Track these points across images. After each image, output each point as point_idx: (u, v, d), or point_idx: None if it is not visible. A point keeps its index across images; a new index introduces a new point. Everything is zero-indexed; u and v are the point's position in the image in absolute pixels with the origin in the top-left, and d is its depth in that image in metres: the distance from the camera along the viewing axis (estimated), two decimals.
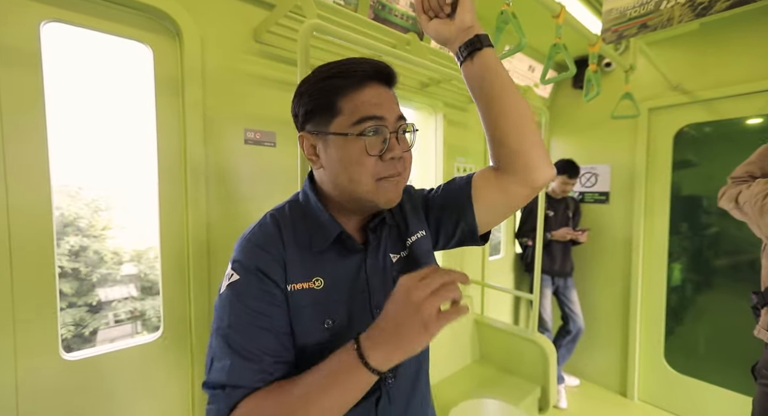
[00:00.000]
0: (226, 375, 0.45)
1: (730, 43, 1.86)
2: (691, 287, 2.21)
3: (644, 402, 2.23)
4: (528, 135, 0.56)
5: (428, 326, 0.39)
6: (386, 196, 0.52)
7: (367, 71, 0.50)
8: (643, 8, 1.21)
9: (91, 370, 0.98)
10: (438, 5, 0.58)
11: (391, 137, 0.51)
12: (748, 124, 1.92)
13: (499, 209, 0.62)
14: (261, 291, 0.48)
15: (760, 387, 1.06)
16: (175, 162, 1.10)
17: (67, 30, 0.96)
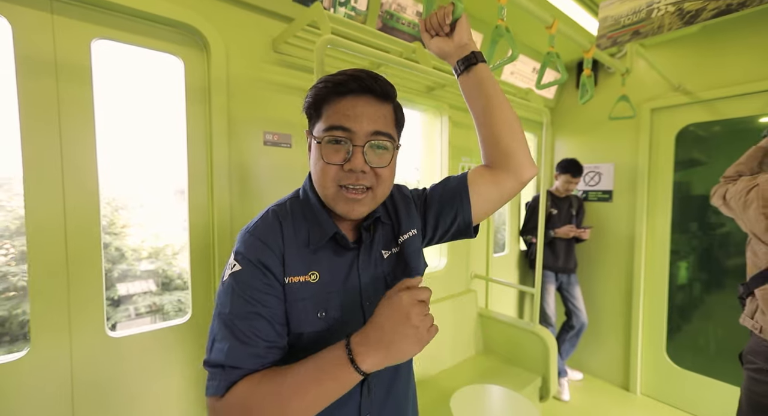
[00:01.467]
0: (224, 356, 0.49)
1: (729, 44, 1.91)
2: (692, 284, 2.25)
3: (646, 396, 2.28)
4: (518, 138, 0.65)
5: (422, 341, 0.46)
6: (344, 208, 0.54)
7: (349, 84, 0.52)
8: (636, 16, 1.29)
9: (131, 346, 1.11)
10: (439, 25, 0.67)
11: (356, 150, 0.52)
12: (749, 124, 1.96)
13: (492, 201, 0.68)
14: (261, 282, 0.52)
15: (746, 372, 1.12)
16: (202, 162, 1.22)
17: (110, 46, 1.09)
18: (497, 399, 1.44)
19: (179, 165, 1.22)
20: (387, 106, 0.56)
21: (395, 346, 0.45)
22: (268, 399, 0.46)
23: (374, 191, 0.56)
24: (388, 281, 0.63)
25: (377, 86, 0.54)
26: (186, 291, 3.67)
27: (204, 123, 1.21)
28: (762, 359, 1.04)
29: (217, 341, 0.51)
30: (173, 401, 1.20)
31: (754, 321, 1.05)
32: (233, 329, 0.50)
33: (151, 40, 1.12)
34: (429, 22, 0.68)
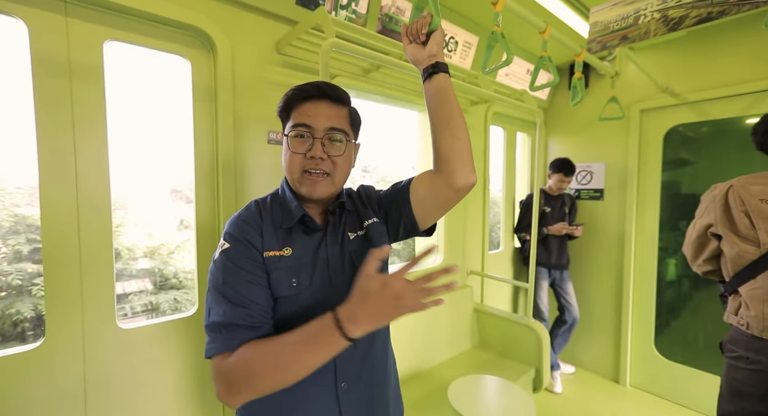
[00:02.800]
0: (222, 318, 0.57)
1: (715, 49, 1.99)
2: (680, 280, 2.33)
3: (635, 388, 2.36)
4: (457, 144, 0.68)
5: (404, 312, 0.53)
6: (308, 188, 0.66)
7: (311, 91, 0.66)
8: (624, 22, 1.35)
9: (141, 337, 1.15)
10: (416, 33, 0.73)
11: (315, 141, 0.65)
12: (734, 124, 2.04)
13: (428, 203, 0.72)
14: (247, 255, 0.62)
15: (726, 360, 1.19)
16: (208, 159, 1.26)
17: (121, 47, 1.12)
18: (493, 388, 1.50)
19: (176, 164, 1.26)
20: (342, 109, 0.69)
21: (384, 318, 0.53)
22: (267, 357, 0.54)
23: (332, 177, 0.68)
24: (353, 257, 0.71)
25: (332, 92, 0.67)
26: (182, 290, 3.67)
27: (210, 122, 1.26)
28: (741, 347, 1.11)
29: (213, 308, 0.60)
30: (182, 390, 1.24)
31: (739, 318, 1.11)
32: (227, 295, 0.59)
33: (160, 42, 1.16)
34: (409, 29, 0.75)
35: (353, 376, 0.68)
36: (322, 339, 0.53)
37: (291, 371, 0.53)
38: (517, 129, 2.63)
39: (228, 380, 0.55)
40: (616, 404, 2.21)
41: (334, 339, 0.53)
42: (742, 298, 1.11)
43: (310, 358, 0.53)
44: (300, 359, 0.53)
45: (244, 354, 0.55)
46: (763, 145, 1.11)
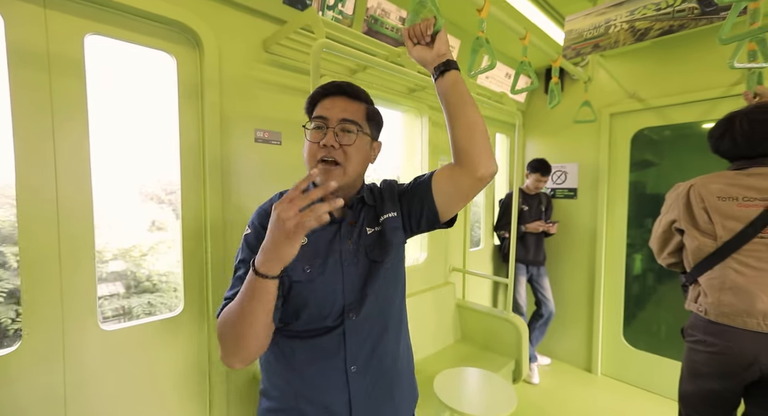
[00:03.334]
0: (230, 291, 0.67)
1: (676, 59, 2.14)
2: (645, 274, 2.49)
3: (606, 377, 2.50)
4: (476, 136, 0.71)
5: (289, 234, 0.52)
6: (320, 176, 0.68)
7: (330, 89, 0.73)
8: (596, 31, 1.44)
9: (124, 339, 1.13)
10: (421, 35, 0.75)
11: (329, 131, 0.69)
12: (693, 129, 2.21)
13: (451, 196, 0.75)
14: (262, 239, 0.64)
15: (687, 344, 1.29)
16: (195, 157, 1.25)
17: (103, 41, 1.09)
18: (476, 379, 1.56)
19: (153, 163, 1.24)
20: (359, 104, 0.74)
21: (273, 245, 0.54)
22: (224, 313, 0.63)
23: (344, 167, 0.70)
24: (367, 251, 0.74)
25: (350, 89, 0.73)
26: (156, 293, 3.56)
27: (197, 120, 1.24)
28: (700, 332, 1.21)
29: (231, 281, 0.70)
30: (168, 392, 1.22)
31: (698, 305, 1.21)
32: (238, 272, 0.69)
33: (144, 37, 1.14)
34: (412, 31, 0.77)
35: (363, 361, 0.72)
36: (249, 286, 0.57)
37: (239, 319, 0.59)
38: (496, 130, 2.72)
39: (217, 333, 0.64)
40: (589, 392, 2.34)
41: (256, 282, 0.56)
42: (701, 287, 1.21)
43: (247, 305, 0.58)
44: (241, 308, 0.58)
45: (222, 313, 0.64)
46: (717, 147, 1.21)
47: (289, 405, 0.71)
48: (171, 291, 3.04)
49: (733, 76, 1.96)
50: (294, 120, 1.46)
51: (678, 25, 1.25)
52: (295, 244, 0.54)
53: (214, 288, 1.26)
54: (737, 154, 1.14)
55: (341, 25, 1.26)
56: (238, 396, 1.35)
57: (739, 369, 1.13)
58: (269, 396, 0.74)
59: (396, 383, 0.78)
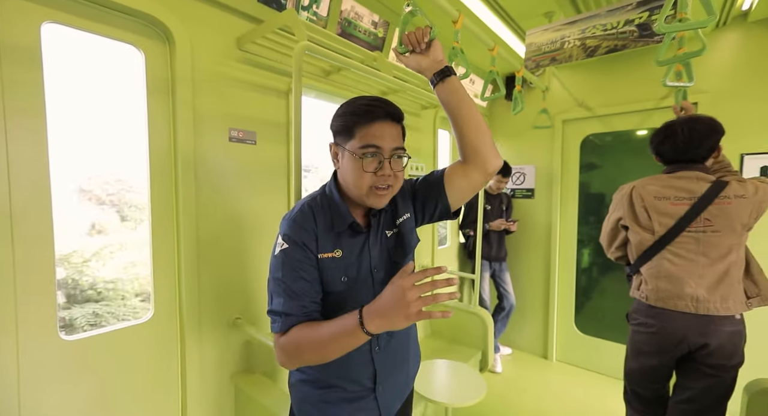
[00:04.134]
0: (282, 307, 0.70)
1: (618, 73, 2.38)
2: (591, 267, 2.74)
3: (560, 362, 2.72)
4: (483, 136, 0.78)
5: (410, 318, 0.59)
6: (374, 201, 0.74)
7: (378, 112, 0.71)
8: (553, 46, 1.58)
9: (89, 349, 1.05)
10: (417, 42, 0.81)
11: (385, 162, 0.72)
12: (630, 135, 2.48)
13: (464, 190, 0.83)
14: (302, 256, 0.72)
15: (631, 327, 1.46)
16: (165, 157, 1.19)
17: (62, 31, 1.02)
18: (447, 370, 1.64)
19: (96, 161, 1.18)
20: (399, 126, 0.77)
21: (391, 319, 0.60)
22: (311, 340, 0.67)
23: (393, 187, 0.76)
24: (390, 253, 0.82)
25: (395, 112, 0.74)
26: (101, 302, 3.33)
27: (167, 117, 1.19)
28: (642, 315, 1.38)
29: (275, 296, 0.72)
30: (136, 402, 1.15)
31: (641, 292, 1.37)
32: (285, 289, 0.71)
33: (110, 29, 1.07)
34: (407, 38, 0.82)
35: (384, 341, 0.82)
36: (348, 331, 0.63)
37: (327, 351, 0.66)
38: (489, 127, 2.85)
39: (284, 352, 0.69)
40: (545, 377, 2.53)
41: (357, 332, 0.62)
42: (642, 276, 1.38)
43: (339, 345, 0.65)
44: (333, 344, 0.65)
45: (295, 334, 0.69)
46: (658, 150, 1.38)
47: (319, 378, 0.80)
48: (119, 299, 2.84)
49: (663, 91, 2.23)
50: (269, 120, 1.44)
51: (621, 44, 1.41)
52: (413, 322, 0.61)
53: (187, 292, 1.22)
54: (674, 157, 1.31)
55: (320, 28, 1.27)
56: (215, 400, 1.31)
57: (672, 346, 1.30)
58: (302, 370, 0.82)
59: (407, 349, 0.89)
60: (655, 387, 1.42)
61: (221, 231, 1.31)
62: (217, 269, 1.30)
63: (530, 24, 1.97)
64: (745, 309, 1.25)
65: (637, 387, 1.46)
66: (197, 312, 1.24)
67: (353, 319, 0.63)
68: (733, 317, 1.24)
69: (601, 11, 1.44)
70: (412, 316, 0.58)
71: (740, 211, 1.21)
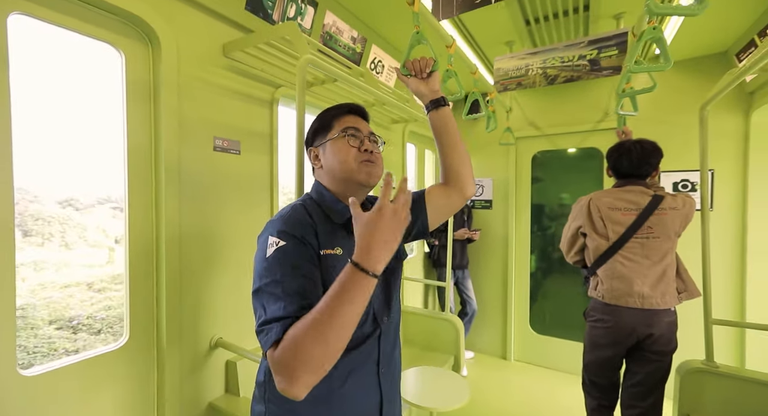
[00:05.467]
0: (281, 311, 0.58)
1: (564, 97, 2.70)
2: (542, 271, 3.02)
3: (518, 361, 2.93)
4: (466, 165, 0.88)
5: (403, 223, 0.60)
6: (365, 172, 0.75)
7: (348, 107, 0.81)
8: (519, 72, 1.76)
9: (51, 385, 0.92)
10: (420, 70, 0.89)
11: (365, 138, 0.77)
12: (569, 153, 2.81)
13: (443, 211, 0.88)
14: (304, 252, 0.65)
15: (588, 323, 1.65)
16: (146, 165, 1.10)
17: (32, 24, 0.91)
18: (429, 376, 1.69)
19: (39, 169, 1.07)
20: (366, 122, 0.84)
21: (394, 239, 0.59)
22: (308, 325, 0.54)
23: (377, 164, 0.77)
24: None
25: (364, 113, 0.83)
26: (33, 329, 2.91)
27: (147, 123, 1.10)
28: (598, 312, 1.56)
29: (269, 305, 0.60)
30: None
31: (597, 291, 1.56)
32: (285, 289, 0.60)
33: (86, 25, 0.98)
34: (412, 64, 0.90)
35: (386, 362, 0.77)
36: (349, 286, 0.55)
37: (334, 327, 0.54)
38: (425, 146, 2.99)
39: (282, 365, 0.54)
40: (505, 376, 2.70)
41: (360, 280, 0.55)
42: (599, 277, 1.57)
43: (346, 308, 0.54)
44: (337, 312, 0.54)
45: (289, 333, 0.55)
46: (615, 166, 1.58)
47: None
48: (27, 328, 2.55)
49: (600, 115, 2.57)
50: (254, 129, 1.40)
51: (577, 75, 1.62)
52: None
53: (168, 313, 1.12)
54: (629, 171, 1.52)
55: (316, 42, 1.28)
56: None
57: (624, 338, 1.50)
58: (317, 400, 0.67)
59: (399, 369, 0.86)
60: (610, 376, 1.61)
61: (205, 245, 1.23)
62: (199, 285, 1.22)
63: (493, 51, 2.17)
64: (677, 302, 1.48)
65: (594, 377, 1.64)
66: (178, 333, 1.15)
67: (348, 271, 0.56)
68: (670, 309, 1.47)
69: (559, 45, 1.65)
70: (403, 220, 0.60)
71: (673, 221, 1.45)
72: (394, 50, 2.13)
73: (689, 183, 2.37)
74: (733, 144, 2.23)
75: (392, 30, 1.95)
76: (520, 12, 1.76)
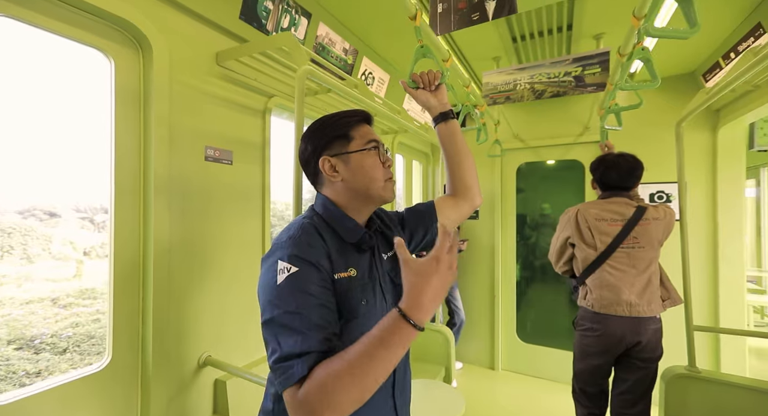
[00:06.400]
0: (300, 346, 0.54)
1: (548, 112, 2.80)
2: (525, 280, 3.07)
3: (506, 371, 2.94)
4: (474, 175, 0.90)
5: (451, 277, 0.56)
6: (389, 193, 0.73)
7: (361, 115, 0.75)
8: (507, 86, 1.81)
9: (25, 413, 0.84)
10: (428, 83, 0.90)
11: (387, 153, 0.75)
12: (550, 165, 2.91)
13: (453, 221, 0.88)
14: (318, 278, 0.60)
15: (578, 332, 1.67)
16: (133, 174, 1.05)
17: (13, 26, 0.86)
18: (423, 389, 1.67)
19: None
20: None
21: (443, 293, 0.56)
22: (344, 368, 0.51)
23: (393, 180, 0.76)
24: (390, 276, 0.76)
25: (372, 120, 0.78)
26: None
27: (137, 132, 1.06)
28: (588, 321, 1.60)
29: (284, 338, 0.55)
30: None
31: (587, 301, 1.60)
32: (302, 321, 0.56)
33: (72, 29, 0.94)
34: (421, 77, 0.90)
35: (400, 386, 0.74)
36: (393, 337, 0.52)
37: (370, 375, 0.51)
38: (413, 157, 3.02)
39: (307, 408, 0.50)
40: (493, 386, 2.71)
41: (406, 332, 0.52)
42: (588, 287, 1.60)
43: (386, 357, 0.51)
44: (376, 361, 0.51)
45: (321, 372, 0.52)
46: (602, 178, 1.63)
47: None
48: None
49: (579, 129, 2.68)
50: (246, 139, 1.37)
51: (563, 91, 1.69)
52: None
53: (155, 330, 1.06)
54: (617, 183, 1.57)
55: (314, 54, 1.28)
56: None
57: (613, 346, 1.53)
58: None
59: (410, 390, 0.82)
60: (600, 383, 1.64)
61: (195, 258, 1.18)
62: (188, 300, 1.16)
63: (480, 66, 2.23)
64: (662, 310, 1.53)
65: (585, 386, 1.66)
66: (165, 352, 1.09)
67: (393, 319, 0.53)
68: (655, 317, 1.52)
69: (546, 62, 1.71)
70: (454, 274, 0.57)
71: (657, 230, 1.51)
72: (384, 62, 2.15)
73: (664, 194, 2.49)
74: (703, 158, 2.36)
75: (383, 43, 1.98)
76: (508, 30, 1.83)
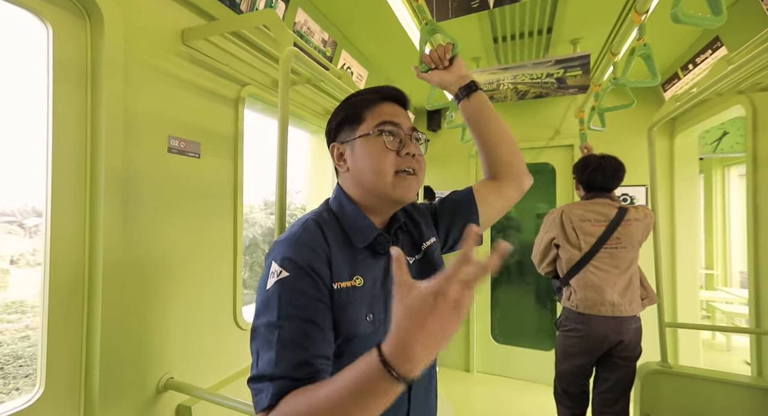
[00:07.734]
0: (272, 367, 0.46)
1: (519, 115, 2.84)
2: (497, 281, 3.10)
3: (481, 373, 2.93)
4: (516, 152, 0.74)
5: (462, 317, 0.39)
6: (401, 190, 0.59)
7: (385, 92, 0.63)
8: (491, 86, 1.79)
9: None
10: (439, 59, 0.77)
11: (407, 138, 0.61)
12: None
13: (497, 210, 0.75)
14: (311, 288, 0.51)
15: (561, 333, 1.67)
16: (77, 168, 0.87)
17: None
18: None
19: None
20: (406, 111, 0.67)
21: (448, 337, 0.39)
22: (310, 412, 0.41)
23: (417, 176, 0.62)
24: None
25: (402, 96, 0.65)
26: None
27: (83, 116, 0.88)
28: (572, 322, 1.59)
29: (262, 353, 0.48)
30: None
31: (571, 301, 1.60)
32: (282, 336, 0.48)
33: None
34: (430, 56, 0.78)
35: (419, 411, 0.63)
36: (369, 389, 0.38)
37: None
38: None
39: None
40: (468, 388, 2.69)
41: (385, 385, 0.37)
42: (572, 288, 1.61)
43: (362, 411, 0.39)
44: (349, 413, 0.39)
45: (282, 410, 0.43)
46: (588, 179, 1.64)
47: None
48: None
49: (550, 132, 2.75)
50: (216, 130, 1.22)
51: (545, 92, 1.69)
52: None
53: (103, 353, 0.88)
54: (602, 184, 1.58)
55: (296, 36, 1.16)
56: None
57: (596, 346, 1.54)
58: None
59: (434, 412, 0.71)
60: (582, 384, 1.64)
61: (154, 265, 1.01)
62: (145, 315, 0.99)
63: None
64: (641, 309, 1.57)
65: (567, 387, 1.66)
66: (116, 377, 0.91)
67: (371, 366, 0.38)
68: (636, 316, 1.55)
69: (528, 63, 1.71)
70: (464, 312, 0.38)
71: (637, 231, 1.54)
72: (362, 58, 2.06)
73: (628, 196, 2.61)
74: (662, 163, 2.50)
75: (362, 37, 1.89)
76: (491, 29, 1.81)
